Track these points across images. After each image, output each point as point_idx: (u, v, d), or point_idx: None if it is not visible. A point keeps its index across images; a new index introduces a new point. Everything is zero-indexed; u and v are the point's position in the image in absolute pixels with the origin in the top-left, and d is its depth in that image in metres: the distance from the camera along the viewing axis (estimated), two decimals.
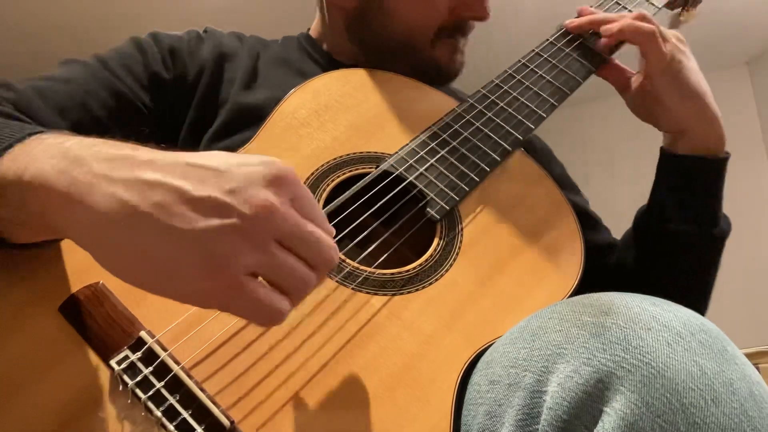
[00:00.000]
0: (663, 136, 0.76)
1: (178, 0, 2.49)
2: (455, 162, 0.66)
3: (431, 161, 0.65)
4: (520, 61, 0.76)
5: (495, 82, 0.74)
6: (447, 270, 0.58)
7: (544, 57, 0.76)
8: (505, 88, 0.72)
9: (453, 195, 0.63)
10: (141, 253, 0.37)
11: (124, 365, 0.45)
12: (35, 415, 0.43)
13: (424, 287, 0.56)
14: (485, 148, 0.67)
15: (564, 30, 0.78)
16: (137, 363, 0.45)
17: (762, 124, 2.92)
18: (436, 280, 0.57)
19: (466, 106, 0.71)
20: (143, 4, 2.49)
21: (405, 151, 0.66)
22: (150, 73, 0.73)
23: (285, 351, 0.49)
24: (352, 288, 0.55)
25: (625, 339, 0.39)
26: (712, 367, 0.38)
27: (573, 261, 0.63)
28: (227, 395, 0.46)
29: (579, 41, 0.77)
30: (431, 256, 0.59)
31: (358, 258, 0.57)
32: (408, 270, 0.58)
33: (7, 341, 0.46)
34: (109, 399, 0.44)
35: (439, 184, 0.64)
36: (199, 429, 0.43)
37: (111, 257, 0.39)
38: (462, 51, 0.81)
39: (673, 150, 0.73)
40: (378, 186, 0.62)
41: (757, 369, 0.41)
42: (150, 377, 0.45)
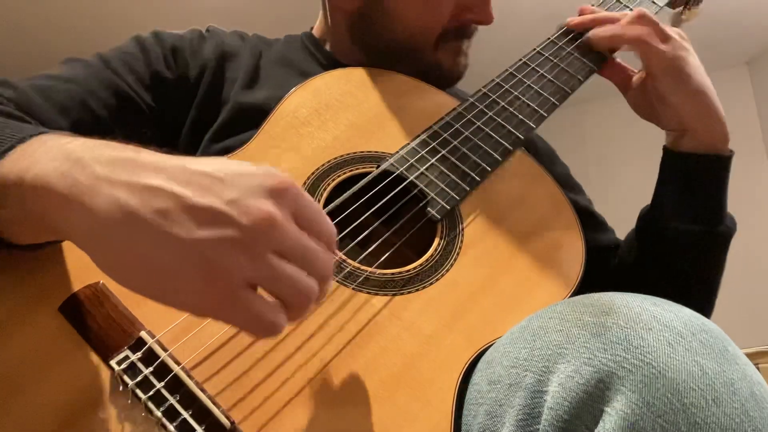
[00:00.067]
0: (665, 134, 0.75)
1: (179, 0, 2.49)
2: (456, 161, 0.66)
3: (432, 161, 0.65)
4: (521, 60, 0.75)
5: (496, 80, 0.73)
6: (448, 270, 0.58)
7: (545, 56, 0.75)
8: (506, 87, 0.72)
9: (454, 195, 0.63)
10: (138, 258, 0.37)
11: (124, 365, 0.45)
12: (35, 415, 0.43)
13: (424, 287, 0.56)
14: (486, 147, 0.67)
15: (565, 29, 0.78)
16: (137, 363, 0.45)
17: (762, 124, 2.92)
18: (436, 280, 0.57)
19: (466, 105, 0.71)
20: (144, 4, 2.49)
21: (405, 151, 0.66)
22: (152, 72, 0.72)
23: (285, 351, 0.49)
24: (352, 288, 0.54)
25: (626, 339, 0.39)
26: (713, 367, 0.38)
27: (574, 261, 0.63)
28: (228, 395, 0.46)
29: (580, 40, 0.76)
30: (432, 256, 0.59)
31: (358, 258, 0.57)
32: (408, 270, 0.57)
33: (8, 341, 0.46)
34: (110, 399, 0.44)
35: (440, 183, 0.64)
36: (200, 429, 0.43)
37: (109, 260, 0.39)
38: (466, 54, 0.81)
39: (677, 148, 0.72)
40: (379, 185, 0.62)
41: (758, 369, 0.41)
42: (150, 377, 0.44)
